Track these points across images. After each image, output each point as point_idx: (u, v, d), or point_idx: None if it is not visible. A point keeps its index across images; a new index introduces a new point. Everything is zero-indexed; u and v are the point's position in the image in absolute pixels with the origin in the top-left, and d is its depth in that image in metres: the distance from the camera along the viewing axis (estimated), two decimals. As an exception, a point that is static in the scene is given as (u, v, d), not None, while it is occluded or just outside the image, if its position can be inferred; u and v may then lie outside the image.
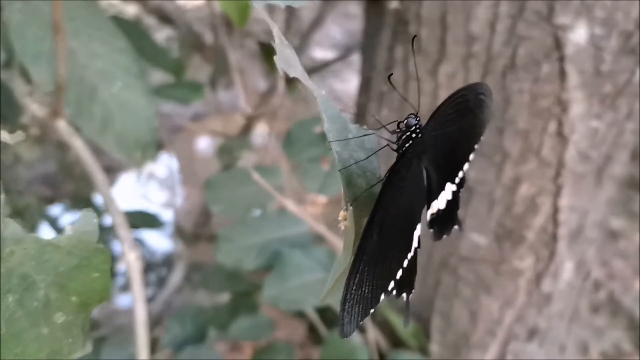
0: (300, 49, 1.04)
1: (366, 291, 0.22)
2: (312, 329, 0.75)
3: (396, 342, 0.65)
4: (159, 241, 1.34)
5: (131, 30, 0.59)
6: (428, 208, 0.25)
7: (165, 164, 2.05)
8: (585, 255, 0.61)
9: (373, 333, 0.63)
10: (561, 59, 0.50)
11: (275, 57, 0.22)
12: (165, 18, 1.19)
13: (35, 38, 0.42)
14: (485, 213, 0.57)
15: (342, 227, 0.22)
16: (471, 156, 0.26)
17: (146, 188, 1.86)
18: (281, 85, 0.64)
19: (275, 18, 1.45)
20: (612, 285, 1.43)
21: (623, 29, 0.49)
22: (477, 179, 0.56)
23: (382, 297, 0.23)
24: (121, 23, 0.54)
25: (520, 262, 0.58)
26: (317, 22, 0.93)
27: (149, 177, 1.95)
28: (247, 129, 0.82)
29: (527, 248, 0.57)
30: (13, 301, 0.22)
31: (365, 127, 0.26)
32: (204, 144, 2.28)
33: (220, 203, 0.69)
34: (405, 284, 0.24)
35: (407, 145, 0.24)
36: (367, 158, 0.25)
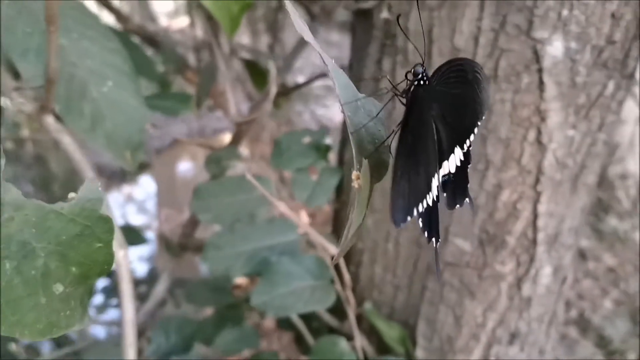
0: (284, 72, 1.04)
1: (407, 188, 0.23)
2: (299, 339, 0.73)
3: (383, 348, 0.64)
4: (140, 260, 1.31)
5: (119, 38, 0.59)
6: (440, 167, 0.25)
7: (143, 186, 2.03)
8: (563, 260, 0.61)
9: (360, 340, 0.62)
10: (540, 71, 0.51)
11: (292, 18, 0.21)
12: (148, 38, 1.18)
13: (24, 34, 0.41)
14: (470, 219, 0.56)
15: (356, 186, 0.22)
16: (475, 130, 0.26)
17: (124, 210, 1.83)
18: (273, 89, 0.63)
19: (259, 42, 1.46)
20: (582, 304, 1.44)
21: (596, 44, 0.51)
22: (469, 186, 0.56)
23: (420, 205, 0.24)
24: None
25: (502, 267, 0.57)
26: (300, 45, 0.93)
27: (127, 199, 1.92)
28: (236, 139, 0.81)
29: (509, 253, 0.57)
30: (11, 268, 0.21)
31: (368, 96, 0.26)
32: (185, 167, 2.26)
33: (209, 211, 0.68)
34: (434, 229, 0.25)
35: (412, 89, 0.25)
36: (376, 115, 0.24)
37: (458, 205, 0.27)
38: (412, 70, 0.26)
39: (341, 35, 1.74)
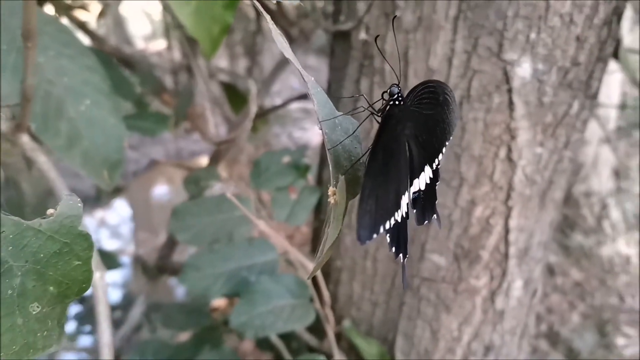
0: (262, 94, 1.04)
1: (374, 205, 0.23)
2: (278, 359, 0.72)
3: (361, 365, 0.62)
4: (114, 286, 1.27)
5: (97, 56, 0.58)
6: (411, 185, 0.25)
7: (117, 210, 1.99)
8: (533, 274, 0.61)
9: (339, 358, 0.61)
10: (510, 91, 0.52)
11: (273, 35, 0.21)
12: (124, 60, 1.17)
13: (-1, 51, 0.40)
14: (445, 235, 0.56)
15: (332, 201, 0.22)
16: (444, 150, 0.26)
17: (97, 235, 1.78)
18: (253, 108, 0.63)
19: (237, 65, 1.46)
20: (551, 318, 1.45)
21: (561, 65, 0.52)
22: (437, 202, 0.56)
23: (387, 222, 0.24)
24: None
25: (477, 281, 0.57)
26: (278, 68, 0.94)
27: (100, 224, 1.88)
28: (215, 160, 0.80)
29: (483, 267, 0.57)
30: (-13, 288, 0.20)
31: (346, 113, 0.25)
32: (160, 190, 2.23)
33: (187, 232, 0.67)
34: (402, 245, 0.25)
35: (391, 112, 0.25)
36: (352, 132, 0.24)
37: (426, 221, 0.27)
38: (389, 90, 0.26)
39: (318, 59, 1.75)
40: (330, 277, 0.67)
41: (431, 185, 0.27)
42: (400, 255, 0.25)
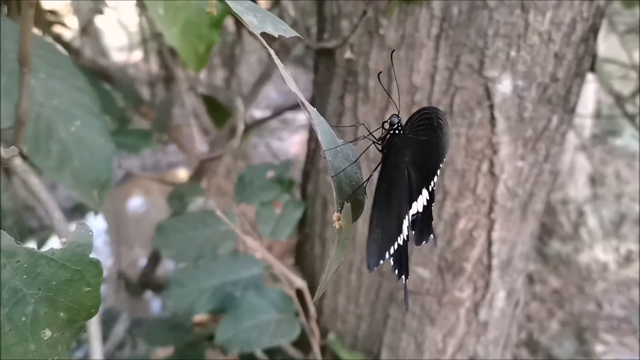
0: (245, 107, 1.05)
1: (380, 234, 0.25)
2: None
3: (347, 378, 0.64)
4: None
5: (87, 76, 0.58)
6: (409, 207, 0.27)
7: (92, 223, 1.96)
8: (515, 284, 0.63)
9: (325, 370, 0.62)
10: (491, 107, 0.54)
11: (280, 70, 0.23)
12: (101, 73, 1.16)
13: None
14: (429, 248, 0.58)
15: (337, 227, 0.24)
16: (438, 172, 0.28)
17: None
18: (241, 127, 0.64)
19: (215, 76, 1.46)
20: (530, 326, 1.48)
21: (541, 81, 0.54)
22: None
23: (392, 247, 0.25)
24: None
25: (461, 293, 0.59)
26: (260, 81, 0.95)
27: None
28: (197, 175, 0.81)
29: (466, 279, 0.59)
30: (3, 315, 0.21)
31: (347, 141, 0.27)
32: (136, 202, 2.21)
33: (172, 248, 0.68)
34: (403, 267, 0.27)
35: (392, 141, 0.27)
36: (354, 161, 0.25)
37: (424, 242, 0.29)
38: (389, 120, 0.28)
39: (295, 69, 1.77)
40: (316, 290, 0.69)
41: (428, 207, 0.28)
42: (403, 276, 0.27)
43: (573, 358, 1.32)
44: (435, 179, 0.28)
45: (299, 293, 0.65)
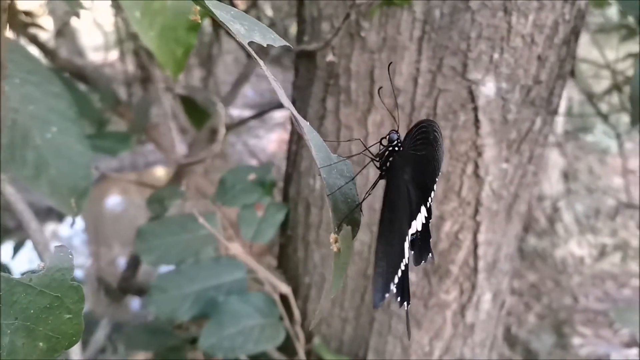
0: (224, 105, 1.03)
1: (385, 265, 0.24)
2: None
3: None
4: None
5: (63, 81, 0.56)
6: (409, 227, 0.25)
7: (70, 223, 1.92)
8: (500, 286, 0.63)
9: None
10: (475, 109, 0.53)
11: (271, 82, 0.21)
12: (77, 74, 1.13)
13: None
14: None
15: (335, 249, 0.22)
16: (435, 187, 0.27)
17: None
18: (222, 130, 0.62)
19: (192, 76, 1.44)
20: (508, 320, 1.50)
21: (524, 84, 0.54)
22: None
23: (396, 277, 0.24)
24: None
25: (447, 296, 0.59)
26: (240, 82, 0.93)
27: (52, 237, 1.81)
28: (177, 178, 0.79)
29: (453, 281, 0.58)
30: (-24, 349, 0.19)
31: (342, 157, 0.26)
32: (113, 201, 2.17)
33: (153, 253, 0.66)
34: (405, 293, 0.25)
35: (390, 158, 0.25)
36: (350, 181, 0.24)
37: (423, 261, 0.28)
38: (387, 136, 0.26)
39: (272, 68, 1.75)
40: (299, 293, 0.67)
41: (426, 224, 0.27)
42: (405, 303, 0.26)
43: (551, 351, 1.33)
44: (432, 194, 0.27)
45: (283, 297, 0.64)
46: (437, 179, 0.27)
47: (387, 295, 0.23)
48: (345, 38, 0.56)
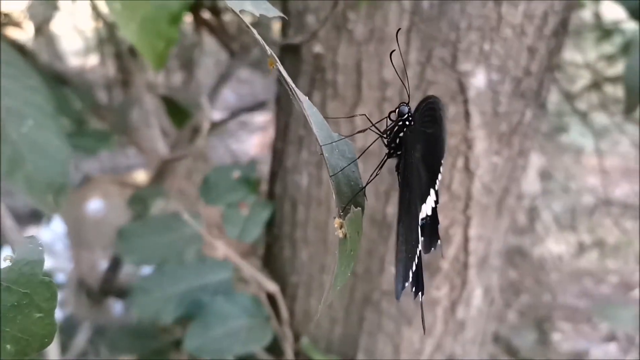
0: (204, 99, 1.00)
1: (404, 251, 0.22)
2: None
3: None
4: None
5: (41, 75, 0.53)
6: (420, 210, 0.23)
7: (51, 227, 1.86)
8: (491, 281, 0.61)
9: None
10: (465, 102, 0.52)
11: (270, 60, 0.19)
12: (57, 77, 1.09)
13: None
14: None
15: (341, 235, 0.20)
16: (441, 169, 0.24)
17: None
18: (205, 126, 0.59)
19: (173, 79, 1.40)
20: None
21: (514, 75, 0.52)
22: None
23: (413, 264, 0.22)
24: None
25: (437, 292, 0.57)
26: (221, 83, 0.90)
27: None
28: (159, 177, 0.76)
29: (443, 277, 0.56)
30: None
31: (343, 136, 0.23)
32: (95, 205, 2.11)
33: (135, 253, 0.63)
34: (420, 282, 0.23)
35: (401, 134, 0.23)
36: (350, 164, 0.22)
37: (433, 248, 0.25)
38: (397, 109, 0.24)
39: (252, 72, 1.72)
40: (286, 293, 0.65)
41: (434, 209, 0.25)
42: (420, 293, 0.23)
43: (532, 347, 1.32)
44: (440, 177, 0.25)
45: (270, 296, 0.61)
46: (442, 162, 0.25)
47: (407, 283, 0.21)
48: (332, 31, 0.54)
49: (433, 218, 0.25)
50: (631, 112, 0.50)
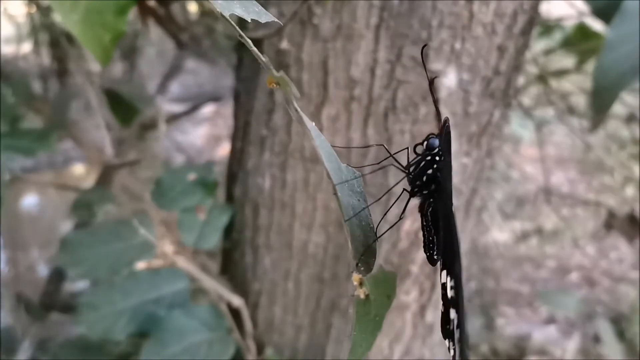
0: (151, 101, 0.93)
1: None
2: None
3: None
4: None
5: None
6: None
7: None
8: (457, 283, 0.59)
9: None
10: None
11: (271, 75, 0.15)
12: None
13: None
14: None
15: (362, 295, 0.15)
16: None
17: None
18: (163, 128, 0.54)
19: (114, 69, 1.31)
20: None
21: (484, 75, 0.50)
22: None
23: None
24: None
25: (407, 297, 0.54)
26: (173, 71, 0.84)
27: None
28: (105, 179, 0.69)
29: (412, 282, 0.54)
30: None
31: (350, 165, 0.19)
32: (30, 201, 1.97)
33: (80, 265, 0.56)
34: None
35: (429, 170, 0.19)
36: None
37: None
38: (426, 142, 0.19)
39: (197, 62, 1.64)
40: (248, 301, 0.60)
41: None
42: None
43: (479, 332, 1.34)
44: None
45: (230, 306, 0.57)
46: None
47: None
48: (296, 25, 0.49)
49: None
50: (596, 129, 0.48)
